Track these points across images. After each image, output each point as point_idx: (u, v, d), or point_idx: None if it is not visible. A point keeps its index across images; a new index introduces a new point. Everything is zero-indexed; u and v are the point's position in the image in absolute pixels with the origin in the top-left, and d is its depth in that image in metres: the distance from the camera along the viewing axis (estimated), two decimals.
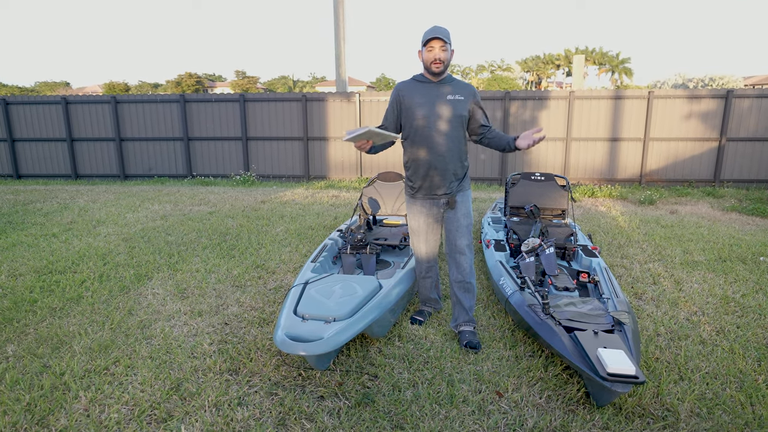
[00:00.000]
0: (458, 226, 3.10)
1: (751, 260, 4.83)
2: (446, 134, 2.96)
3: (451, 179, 3.05)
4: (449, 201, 3.08)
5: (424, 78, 3.00)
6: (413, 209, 3.19)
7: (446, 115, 2.94)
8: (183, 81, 49.61)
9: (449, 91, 2.95)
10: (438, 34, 2.81)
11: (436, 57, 2.85)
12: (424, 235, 3.21)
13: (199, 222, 6.50)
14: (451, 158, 3.00)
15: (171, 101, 10.86)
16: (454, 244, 3.11)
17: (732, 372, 2.77)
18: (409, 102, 2.97)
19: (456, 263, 3.13)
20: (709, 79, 26.49)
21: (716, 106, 9.49)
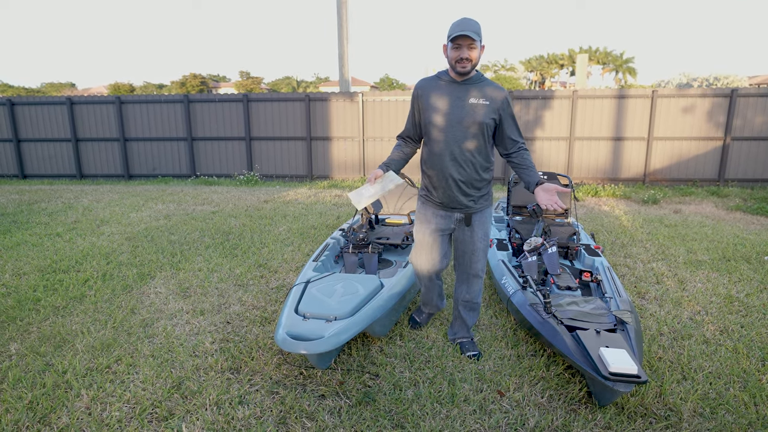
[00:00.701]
0: (474, 250, 2.83)
1: (755, 259, 4.80)
2: (465, 142, 2.64)
3: (469, 193, 2.73)
4: (465, 217, 2.79)
5: (448, 76, 2.66)
6: (422, 217, 2.88)
7: (466, 120, 2.60)
8: (187, 82, 49.78)
9: (473, 94, 2.61)
10: (466, 31, 2.45)
11: (462, 56, 2.50)
12: (428, 251, 2.90)
13: (202, 221, 6.51)
14: (470, 169, 2.68)
15: (175, 101, 10.89)
16: (468, 268, 2.89)
17: (736, 372, 2.75)
18: (427, 103, 2.67)
19: (467, 284, 2.94)
20: (713, 78, 26.37)
21: (720, 105, 9.44)
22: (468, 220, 2.78)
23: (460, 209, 2.76)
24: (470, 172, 2.68)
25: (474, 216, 2.79)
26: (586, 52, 44.30)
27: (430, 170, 2.76)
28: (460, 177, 2.68)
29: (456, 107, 2.61)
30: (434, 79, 2.70)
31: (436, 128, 2.66)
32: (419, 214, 2.90)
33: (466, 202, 2.74)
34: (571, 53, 46.63)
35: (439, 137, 2.66)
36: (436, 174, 2.72)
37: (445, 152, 2.66)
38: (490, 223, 2.86)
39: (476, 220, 2.79)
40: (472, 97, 2.60)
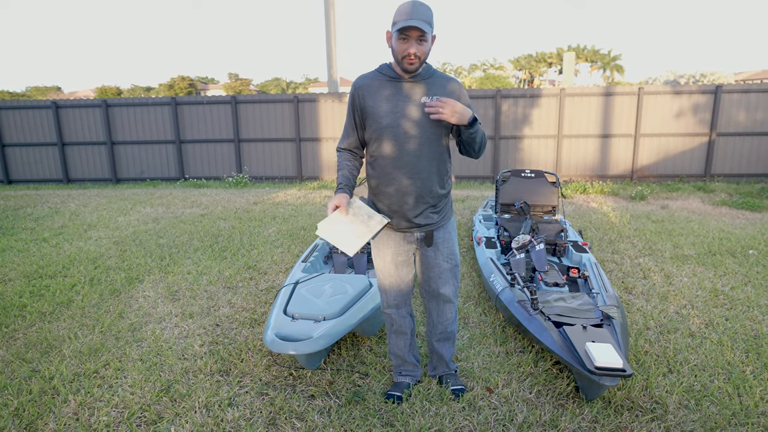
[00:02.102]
0: (441, 272, 2.42)
1: (740, 253, 4.86)
2: (418, 149, 2.22)
3: (428, 208, 2.31)
4: (426, 236, 2.37)
5: (392, 72, 2.23)
6: (378, 241, 2.41)
7: (420, 123, 2.20)
8: (176, 84, 49.47)
9: (425, 92, 2.21)
10: (416, 21, 2.04)
11: (410, 51, 2.09)
12: (394, 278, 2.44)
13: (191, 224, 6.48)
14: (427, 180, 2.26)
15: (162, 104, 10.82)
16: (435, 293, 2.48)
17: (720, 364, 2.79)
18: (372, 105, 2.23)
19: (437, 311, 2.53)
20: (700, 75, 26.67)
21: (706, 101, 9.56)
22: (429, 240, 2.37)
23: (418, 227, 2.34)
24: (426, 184, 2.27)
25: (436, 233, 2.39)
26: (574, 50, 44.62)
27: (378, 185, 2.31)
28: (415, 190, 2.26)
29: (409, 108, 2.20)
30: (375, 75, 2.26)
31: (382, 134, 2.23)
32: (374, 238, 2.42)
33: (423, 219, 2.32)
34: (559, 51, 46.95)
35: (386, 145, 2.23)
36: (385, 189, 2.29)
37: (395, 162, 2.24)
38: (455, 237, 2.47)
39: (439, 238, 2.39)
40: (424, 95, 2.21)
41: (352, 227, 2.21)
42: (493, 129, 10.10)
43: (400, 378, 2.61)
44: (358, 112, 2.29)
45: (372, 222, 2.25)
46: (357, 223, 2.23)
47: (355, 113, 2.30)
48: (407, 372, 2.62)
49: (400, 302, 2.50)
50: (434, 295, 2.49)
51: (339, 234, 2.20)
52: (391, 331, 2.58)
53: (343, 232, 2.20)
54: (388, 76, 2.24)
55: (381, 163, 2.28)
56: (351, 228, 2.21)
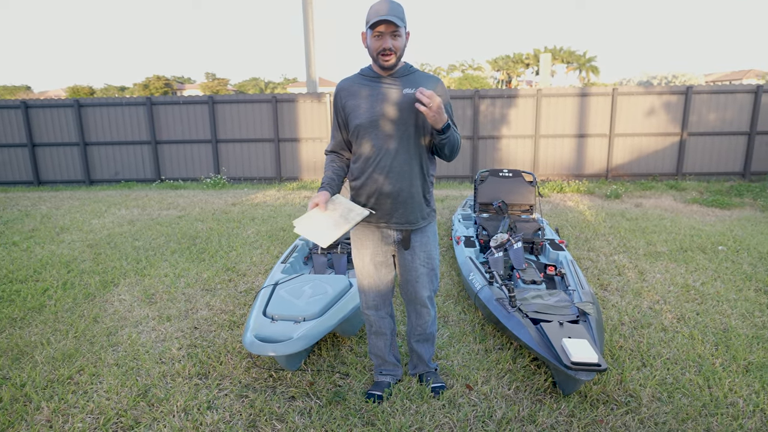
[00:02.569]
0: (417, 276, 2.41)
1: (710, 250, 5.01)
2: (398, 148, 2.23)
3: (407, 207, 2.30)
4: (403, 239, 2.37)
5: (371, 72, 2.27)
6: (357, 241, 2.42)
7: (398, 120, 2.21)
8: (151, 84, 48.60)
9: (404, 89, 2.21)
10: (388, 16, 2.07)
11: (384, 46, 2.12)
12: (373, 278, 2.44)
13: (167, 226, 6.38)
14: (405, 180, 2.26)
15: (137, 104, 10.63)
16: (413, 297, 2.48)
17: (691, 357, 2.88)
18: (351, 105, 2.25)
19: (416, 313, 2.54)
20: (672, 76, 27.33)
21: (677, 102, 9.81)
22: (407, 243, 2.36)
23: (397, 226, 2.33)
24: (405, 184, 2.26)
25: (413, 236, 2.37)
26: (551, 51, 45.29)
27: (360, 183, 2.32)
28: (394, 190, 2.26)
29: (385, 106, 2.21)
30: (357, 77, 2.30)
31: (363, 134, 2.25)
32: (354, 236, 2.44)
33: (402, 219, 2.31)
34: (536, 53, 47.60)
35: (368, 144, 2.25)
36: (366, 188, 2.30)
37: (374, 161, 2.25)
38: (434, 241, 2.44)
39: (417, 242, 2.38)
40: (402, 93, 2.21)
41: (329, 221, 2.20)
42: (472, 129, 10.19)
43: (380, 377, 2.62)
44: (340, 114, 2.32)
45: (352, 214, 2.23)
46: (335, 216, 2.22)
47: (339, 115, 2.33)
48: (388, 371, 2.62)
49: (379, 303, 2.50)
50: (411, 298, 2.50)
51: (315, 227, 2.19)
52: (370, 332, 2.58)
53: (319, 226, 2.19)
54: (369, 76, 2.27)
55: (361, 162, 2.30)
56: (328, 221, 2.20)
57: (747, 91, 9.63)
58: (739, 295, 3.80)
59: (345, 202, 2.30)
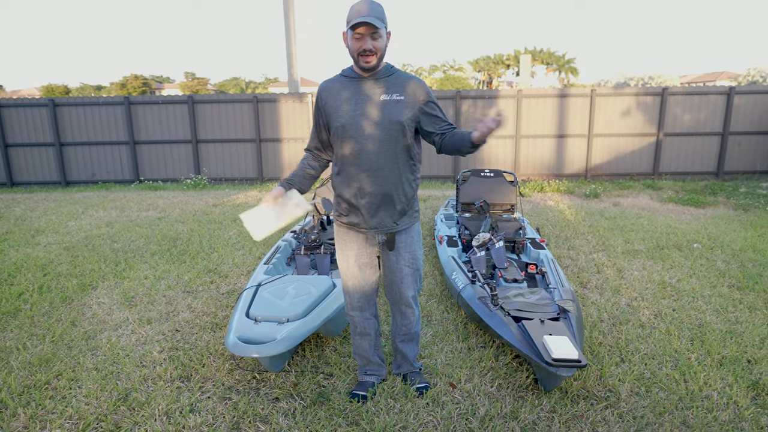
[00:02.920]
0: (402, 277, 2.43)
1: (686, 247, 5.13)
2: (380, 149, 2.22)
3: (390, 209, 2.30)
4: (387, 240, 2.37)
5: (353, 72, 2.26)
6: (341, 243, 2.42)
7: (378, 122, 2.20)
8: (128, 83, 47.78)
9: (385, 90, 2.22)
10: (367, 17, 2.06)
11: (365, 47, 2.12)
12: (358, 279, 2.44)
13: (147, 228, 6.29)
14: (387, 181, 2.25)
15: (115, 104, 10.44)
16: (398, 298, 2.50)
17: (668, 352, 2.95)
18: (332, 106, 2.25)
19: (401, 313, 2.55)
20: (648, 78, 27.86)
21: (653, 103, 10.02)
22: (391, 243, 2.37)
23: (380, 229, 2.33)
24: (389, 185, 2.26)
25: (398, 237, 2.38)
26: (531, 52, 45.82)
27: (342, 185, 2.32)
28: (379, 191, 2.25)
29: (366, 107, 2.21)
30: (338, 78, 2.30)
31: (342, 134, 2.24)
32: (338, 239, 2.44)
33: (385, 221, 2.31)
34: (517, 54, 48.10)
35: (349, 145, 2.24)
36: (348, 189, 2.29)
37: (359, 162, 2.24)
38: (419, 243, 2.46)
39: (401, 242, 2.38)
40: (384, 94, 2.22)
41: (271, 214, 2.24)
42: None
43: (365, 377, 2.62)
44: (322, 114, 2.32)
45: (294, 210, 2.28)
46: (279, 211, 2.26)
47: (320, 116, 2.33)
48: (372, 372, 2.63)
49: (363, 304, 2.50)
50: (396, 298, 2.51)
51: (255, 220, 2.24)
52: (355, 333, 2.58)
53: (259, 219, 2.24)
54: (350, 77, 2.27)
55: (343, 164, 2.29)
56: (270, 215, 2.24)
57: (720, 93, 9.88)
58: (714, 291, 3.91)
59: (296, 198, 2.32)
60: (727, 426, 2.29)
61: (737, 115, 9.89)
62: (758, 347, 2.99)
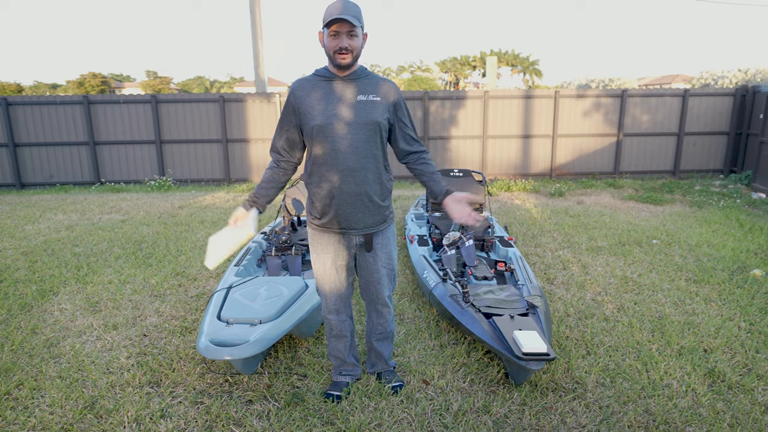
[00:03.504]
0: (379, 278, 2.44)
1: (645, 243, 5.34)
2: (355, 148, 2.22)
3: (367, 210, 2.30)
4: (366, 241, 2.38)
5: (328, 72, 2.25)
6: (317, 246, 2.40)
7: (354, 122, 2.20)
8: (86, 81, 46.08)
9: (361, 90, 2.23)
10: (345, 14, 2.08)
11: (341, 45, 2.13)
12: (335, 282, 2.44)
13: (110, 231, 6.10)
14: (362, 182, 2.24)
15: (74, 103, 10.07)
16: (375, 298, 2.51)
17: (631, 344, 3.07)
18: (305, 106, 2.22)
19: (377, 312, 2.57)
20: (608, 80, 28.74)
21: (613, 104, 10.37)
22: (369, 245, 2.38)
23: (357, 230, 2.34)
24: (366, 186, 2.27)
25: (375, 238, 2.39)
26: (496, 54, 46.62)
27: (318, 187, 2.29)
28: (355, 192, 2.25)
29: (342, 107, 2.20)
30: (312, 78, 2.27)
31: (320, 135, 2.21)
32: (313, 242, 2.42)
33: (363, 222, 2.32)
34: (483, 55, 48.84)
35: (324, 146, 2.22)
36: (325, 191, 2.27)
37: (334, 163, 2.23)
38: (394, 243, 2.48)
39: (378, 243, 2.40)
40: (360, 94, 2.23)
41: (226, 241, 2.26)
42: (422, 130, 10.35)
43: (339, 378, 2.64)
44: (295, 114, 2.27)
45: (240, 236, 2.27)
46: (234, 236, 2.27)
47: (293, 115, 2.28)
48: (347, 372, 2.64)
49: (340, 307, 2.50)
50: (372, 298, 2.53)
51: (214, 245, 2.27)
52: (330, 336, 2.58)
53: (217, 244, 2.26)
54: (324, 76, 2.25)
55: (316, 165, 2.27)
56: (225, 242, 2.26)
57: (675, 95, 10.31)
58: (672, 284, 4.08)
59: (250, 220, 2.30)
60: (686, 412, 2.41)
61: (692, 116, 10.33)
62: (713, 337, 3.15)
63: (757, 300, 3.73)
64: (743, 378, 2.69)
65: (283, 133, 2.34)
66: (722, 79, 22.82)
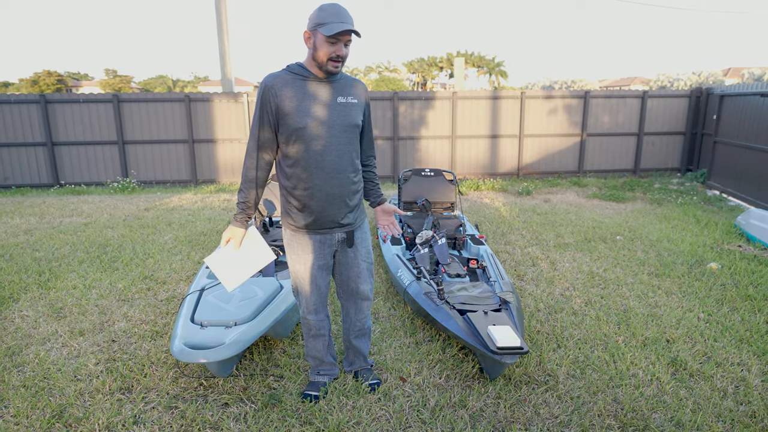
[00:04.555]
0: (360, 272, 2.46)
1: (609, 239, 5.52)
2: (338, 149, 2.23)
3: (347, 209, 2.33)
4: (347, 238, 2.39)
5: (305, 72, 2.20)
6: (296, 247, 2.35)
7: (335, 124, 2.21)
8: (41, 80, 44.21)
9: (340, 92, 2.24)
10: (352, 26, 2.10)
11: (339, 54, 2.12)
12: (316, 283, 2.41)
13: (72, 234, 5.89)
14: (341, 181, 2.27)
15: (29, 102, 9.66)
16: (355, 292, 2.51)
17: (598, 336, 3.18)
18: (288, 105, 2.17)
19: (355, 308, 2.57)
20: (571, 81, 29.50)
21: (577, 105, 10.67)
22: (350, 241, 2.40)
23: (340, 228, 2.35)
24: (348, 184, 2.30)
25: (356, 233, 2.42)
26: (463, 56, 47.23)
27: (297, 190, 2.25)
28: (340, 191, 2.27)
29: (323, 109, 2.20)
30: (288, 76, 2.20)
31: (293, 135, 2.18)
32: (291, 243, 2.36)
33: (347, 219, 2.35)
34: (450, 56, 49.38)
35: (297, 146, 2.19)
36: (306, 193, 2.24)
37: (307, 163, 2.20)
38: (370, 236, 2.53)
39: (358, 238, 2.43)
40: (338, 95, 2.23)
41: (240, 261, 2.29)
42: (392, 130, 10.40)
43: (317, 377, 2.63)
44: (271, 111, 2.20)
45: (260, 256, 2.32)
46: (247, 258, 2.30)
47: (268, 113, 2.20)
48: (325, 371, 2.64)
49: (319, 307, 2.49)
50: (353, 294, 2.53)
51: (225, 267, 2.29)
52: (309, 336, 2.56)
53: (229, 266, 2.29)
54: (300, 75, 2.20)
55: (293, 164, 2.24)
56: (239, 262, 2.29)
57: (635, 96, 10.69)
58: (635, 278, 4.24)
59: (256, 239, 2.33)
60: (651, 400, 2.51)
61: (650, 117, 10.74)
62: (675, 327, 3.30)
63: (714, 292, 3.92)
64: (703, 366, 2.83)
65: (260, 133, 2.24)
66: (677, 82, 23.79)
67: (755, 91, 7.91)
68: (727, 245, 5.19)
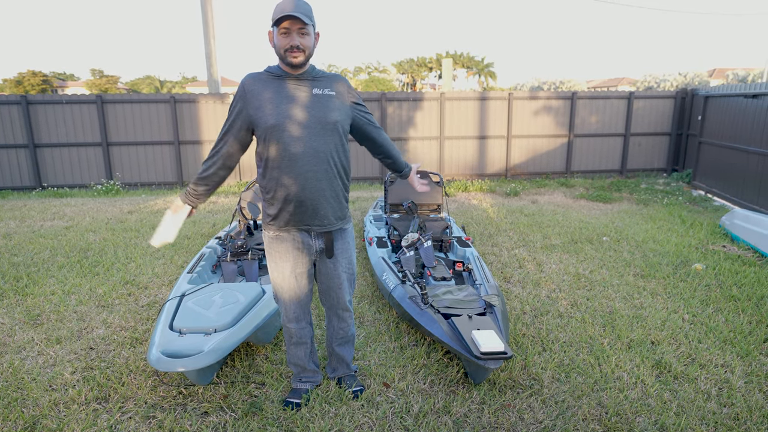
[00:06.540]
0: (340, 283, 2.42)
1: (596, 240, 5.54)
2: (306, 150, 2.15)
3: (327, 212, 2.26)
4: (326, 246, 2.33)
5: (280, 71, 2.19)
6: (275, 254, 2.31)
7: (311, 121, 2.16)
8: (25, 80, 43.58)
9: (315, 89, 2.19)
10: (295, 12, 2.03)
11: (292, 44, 2.08)
12: (294, 291, 2.36)
13: (52, 239, 5.78)
14: (320, 181, 2.20)
15: (10, 103, 9.49)
16: (336, 303, 2.49)
17: (584, 339, 3.17)
18: (259, 103, 2.14)
19: (338, 317, 2.54)
20: (559, 82, 29.68)
21: (564, 106, 10.72)
22: (330, 252, 2.34)
23: (320, 227, 2.28)
24: (320, 187, 2.22)
25: (336, 243, 2.36)
26: (452, 56, 47.34)
27: (274, 191, 2.22)
28: (307, 194, 2.19)
29: (297, 106, 2.15)
30: (264, 75, 2.20)
31: (268, 135, 2.15)
32: (270, 250, 2.32)
33: (320, 222, 2.27)
34: (439, 57, 49.48)
35: (272, 147, 2.16)
36: (275, 193, 2.21)
37: (282, 164, 2.16)
38: (353, 246, 2.46)
39: (338, 249, 2.37)
40: (314, 91, 2.19)
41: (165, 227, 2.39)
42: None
43: (299, 384, 2.58)
44: (244, 111, 2.18)
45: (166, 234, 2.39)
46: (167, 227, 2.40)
47: (240, 113, 2.19)
48: (307, 378, 2.60)
49: (300, 315, 2.44)
50: (333, 304, 2.50)
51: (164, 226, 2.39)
52: (290, 343, 2.52)
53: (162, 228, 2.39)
54: (276, 75, 2.19)
55: (269, 166, 2.20)
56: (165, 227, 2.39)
57: (621, 97, 10.77)
58: (621, 280, 4.25)
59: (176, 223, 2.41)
60: (636, 403, 2.50)
61: (636, 117, 10.81)
62: (660, 329, 3.30)
63: (699, 293, 3.93)
64: (687, 368, 2.83)
65: (230, 137, 2.22)
66: (664, 82, 24.04)
67: (739, 92, 7.99)
68: (712, 245, 5.22)
